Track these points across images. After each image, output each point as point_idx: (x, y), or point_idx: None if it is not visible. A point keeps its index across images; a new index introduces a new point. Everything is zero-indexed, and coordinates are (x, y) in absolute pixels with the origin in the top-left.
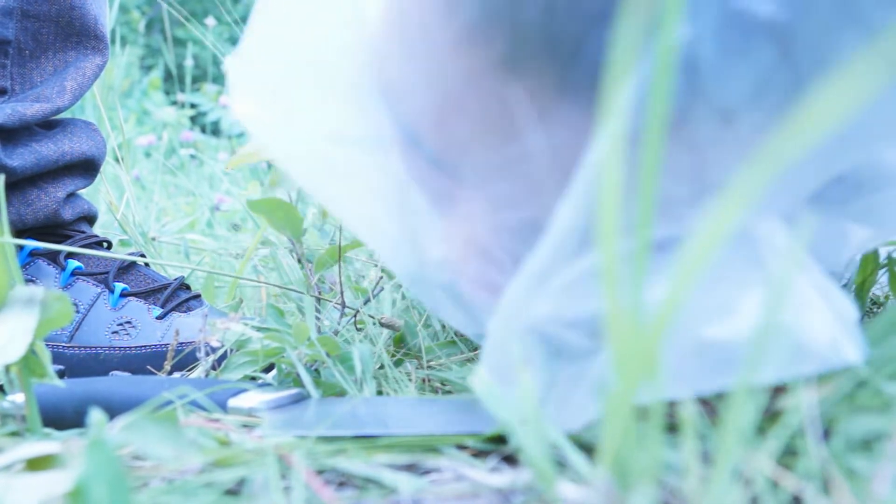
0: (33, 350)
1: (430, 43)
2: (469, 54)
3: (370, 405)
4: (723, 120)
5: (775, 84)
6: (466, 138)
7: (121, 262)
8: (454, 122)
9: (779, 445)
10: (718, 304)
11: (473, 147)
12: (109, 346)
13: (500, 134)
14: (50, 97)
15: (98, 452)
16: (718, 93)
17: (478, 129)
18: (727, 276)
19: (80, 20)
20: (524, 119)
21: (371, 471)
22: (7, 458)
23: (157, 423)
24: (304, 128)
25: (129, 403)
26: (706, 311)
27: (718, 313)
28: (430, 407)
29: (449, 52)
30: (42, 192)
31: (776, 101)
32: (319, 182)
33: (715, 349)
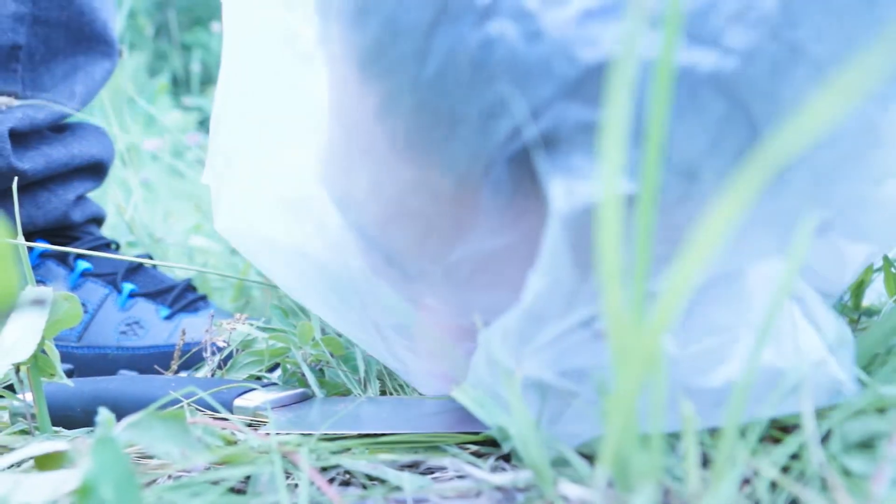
0: (43, 350)
1: (371, 154)
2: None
3: (373, 405)
4: (685, 178)
5: (731, 132)
6: (417, 241)
7: (129, 264)
8: (402, 226)
9: (783, 453)
10: (710, 352)
11: (425, 248)
12: (118, 345)
13: (449, 235)
14: (60, 101)
15: (106, 450)
16: (677, 154)
17: (426, 232)
18: (719, 319)
19: (90, 26)
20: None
21: (375, 469)
22: (16, 457)
23: (164, 421)
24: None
25: (137, 402)
26: (697, 359)
27: (710, 362)
28: (432, 407)
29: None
30: (52, 195)
31: (734, 148)
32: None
33: (707, 394)
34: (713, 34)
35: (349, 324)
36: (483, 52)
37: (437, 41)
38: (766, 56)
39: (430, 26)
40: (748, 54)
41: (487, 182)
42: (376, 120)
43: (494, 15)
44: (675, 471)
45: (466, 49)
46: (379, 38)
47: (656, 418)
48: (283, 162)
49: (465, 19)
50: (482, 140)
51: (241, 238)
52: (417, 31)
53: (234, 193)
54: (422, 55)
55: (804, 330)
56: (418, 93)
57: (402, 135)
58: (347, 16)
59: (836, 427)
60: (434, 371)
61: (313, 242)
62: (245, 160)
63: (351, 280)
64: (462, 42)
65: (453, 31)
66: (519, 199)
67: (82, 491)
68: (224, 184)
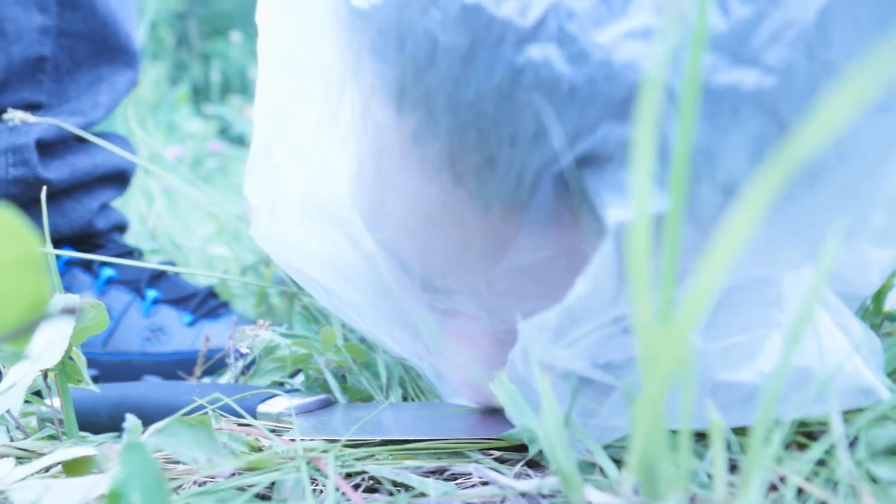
0: (70, 356)
1: (405, 179)
2: (447, 187)
3: (396, 411)
4: (724, 192)
5: (769, 147)
6: (455, 259)
7: (153, 271)
8: (438, 247)
9: (810, 459)
10: (739, 347)
11: (464, 264)
12: (142, 351)
13: (489, 252)
14: (84, 111)
15: (135, 456)
16: (719, 170)
17: (464, 251)
18: (750, 320)
19: (113, 37)
20: (511, 237)
21: (399, 475)
22: (45, 461)
23: (191, 427)
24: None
25: (161, 408)
26: (726, 354)
27: (739, 357)
28: (455, 412)
29: (426, 186)
30: (77, 203)
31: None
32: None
33: (736, 388)
34: (754, 54)
35: (382, 333)
36: (527, 74)
37: (477, 64)
38: (802, 74)
39: (468, 50)
40: (786, 72)
41: (531, 201)
42: (412, 145)
43: (537, 38)
44: (701, 476)
45: (509, 72)
46: (416, 64)
47: (684, 421)
48: (319, 176)
49: (507, 42)
50: (527, 161)
51: (275, 246)
52: (456, 55)
53: (273, 204)
54: (461, 79)
55: (832, 334)
56: (458, 117)
57: (441, 159)
58: (381, 44)
59: (863, 433)
60: (462, 382)
61: (348, 254)
62: (284, 175)
63: (385, 291)
64: (504, 65)
65: (494, 55)
66: (562, 214)
67: (112, 496)
68: (263, 195)
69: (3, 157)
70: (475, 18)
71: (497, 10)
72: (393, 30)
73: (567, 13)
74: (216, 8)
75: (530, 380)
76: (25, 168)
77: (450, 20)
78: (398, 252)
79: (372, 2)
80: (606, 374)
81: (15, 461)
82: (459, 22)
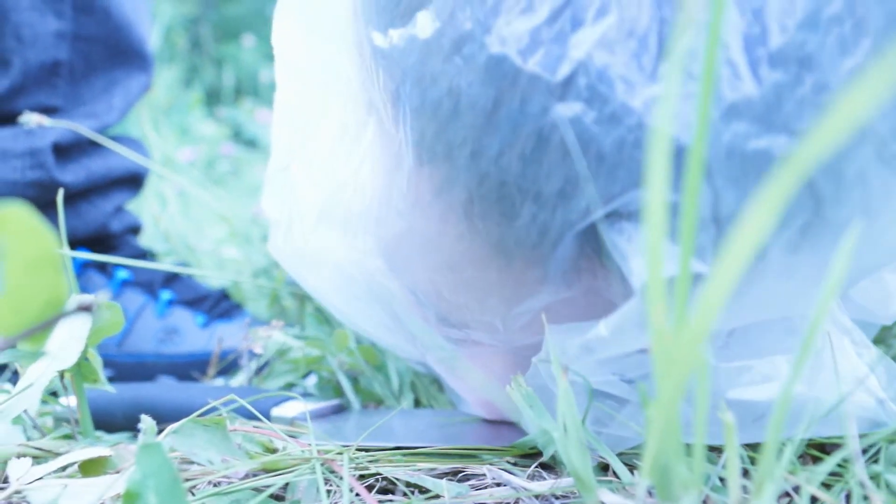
0: (86, 357)
1: (427, 227)
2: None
3: (409, 417)
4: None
5: (798, 210)
6: (474, 303)
7: (167, 272)
8: (458, 292)
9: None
10: (754, 368)
11: (483, 307)
12: (156, 352)
13: (509, 297)
14: (99, 114)
15: (151, 456)
16: None
17: (484, 296)
18: (767, 345)
19: (127, 41)
20: (531, 285)
21: (413, 477)
22: (62, 461)
23: (206, 429)
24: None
25: (176, 409)
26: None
27: (753, 377)
28: (468, 420)
29: (447, 234)
30: (92, 206)
31: (799, 223)
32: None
33: (749, 406)
34: (785, 120)
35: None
36: (556, 132)
37: (502, 119)
38: None
39: (493, 103)
40: None
41: (553, 255)
42: (434, 196)
43: (566, 96)
44: (714, 481)
45: (535, 129)
46: (438, 114)
47: (699, 426)
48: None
49: (534, 98)
50: (551, 219)
51: (291, 262)
52: (480, 108)
53: (289, 221)
54: (484, 132)
55: (849, 361)
56: (480, 170)
57: (461, 210)
58: (402, 90)
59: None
60: (476, 402)
61: (362, 278)
62: (301, 193)
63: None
64: (530, 121)
65: (520, 110)
66: (582, 264)
67: (128, 496)
68: (280, 210)
69: (20, 161)
70: (501, 70)
71: (524, 63)
72: (414, 75)
73: (598, 72)
74: (229, 12)
75: (550, 384)
76: (42, 171)
77: (474, 71)
78: (414, 288)
79: (393, 43)
80: (621, 386)
81: (32, 461)
82: (484, 73)
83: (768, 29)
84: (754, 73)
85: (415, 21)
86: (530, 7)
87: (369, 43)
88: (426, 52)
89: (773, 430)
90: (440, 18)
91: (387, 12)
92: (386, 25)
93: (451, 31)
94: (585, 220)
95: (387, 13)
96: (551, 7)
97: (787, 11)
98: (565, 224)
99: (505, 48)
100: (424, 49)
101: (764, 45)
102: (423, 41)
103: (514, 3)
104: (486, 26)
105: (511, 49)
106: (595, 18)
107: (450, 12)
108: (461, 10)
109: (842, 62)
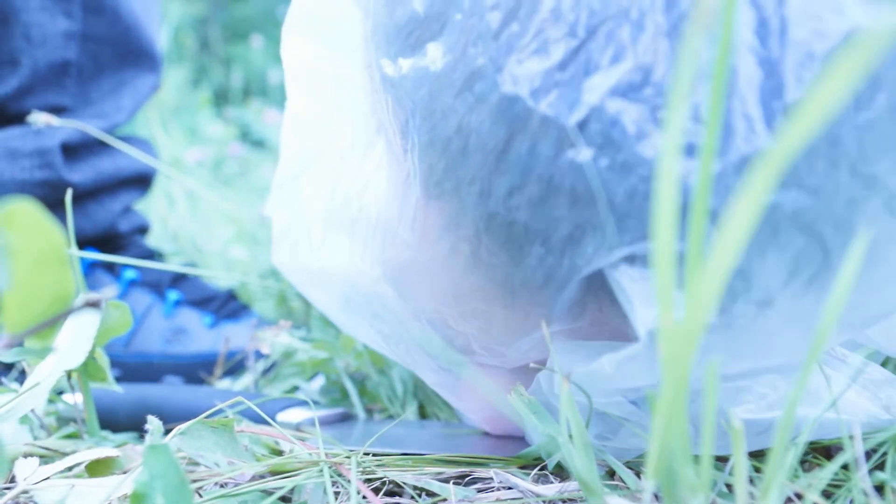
0: (93, 356)
1: (434, 260)
2: (473, 275)
3: (415, 428)
4: (759, 307)
5: (807, 262)
6: (480, 332)
7: (174, 273)
8: (464, 322)
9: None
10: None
11: (489, 336)
12: (163, 353)
13: (515, 329)
14: (108, 114)
15: (158, 457)
16: (754, 289)
17: (489, 328)
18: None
19: (136, 41)
20: (537, 319)
21: (420, 481)
22: (69, 461)
23: (213, 430)
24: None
25: (181, 411)
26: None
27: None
28: (474, 432)
29: (453, 270)
30: (100, 206)
31: (808, 275)
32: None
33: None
34: (798, 176)
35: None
36: (568, 177)
37: (513, 159)
38: (844, 190)
39: (505, 143)
40: (829, 191)
41: (559, 297)
42: (441, 231)
43: (580, 140)
44: (720, 487)
45: (547, 171)
46: (446, 151)
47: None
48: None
49: (547, 140)
50: (559, 263)
51: (296, 275)
52: (490, 147)
53: (295, 236)
54: (494, 172)
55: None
56: (487, 209)
57: (469, 249)
58: (411, 124)
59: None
60: (482, 419)
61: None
62: (308, 206)
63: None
64: (541, 164)
65: (531, 151)
66: (589, 300)
67: (135, 497)
68: (286, 222)
69: (29, 160)
70: (513, 111)
71: (536, 105)
72: (424, 109)
73: (611, 119)
74: (238, 13)
75: (553, 398)
76: (50, 171)
77: (485, 109)
78: (419, 314)
79: (403, 73)
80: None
81: (39, 460)
82: (496, 112)
83: (784, 82)
84: (769, 127)
85: (426, 52)
86: (544, 47)
87: (379, 70)
88: (437, 87)
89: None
90: (452, 52)
91: (398, 40)
92: (396, 54)
93: (462, 66)
94: (592, 265)
95: (398, 41)
96: (566, 49)
97: (804, 64)
98: (572, 269)
99: (517, 88)
100: (435, 83)
101: (780, 99)
102: (434, 74)
103: (528, 42)
104: (499, 64)
105: (523, 90)
106: (610, 63)
107: (462, 46)
108: (473, 46)
109: (856, 116)
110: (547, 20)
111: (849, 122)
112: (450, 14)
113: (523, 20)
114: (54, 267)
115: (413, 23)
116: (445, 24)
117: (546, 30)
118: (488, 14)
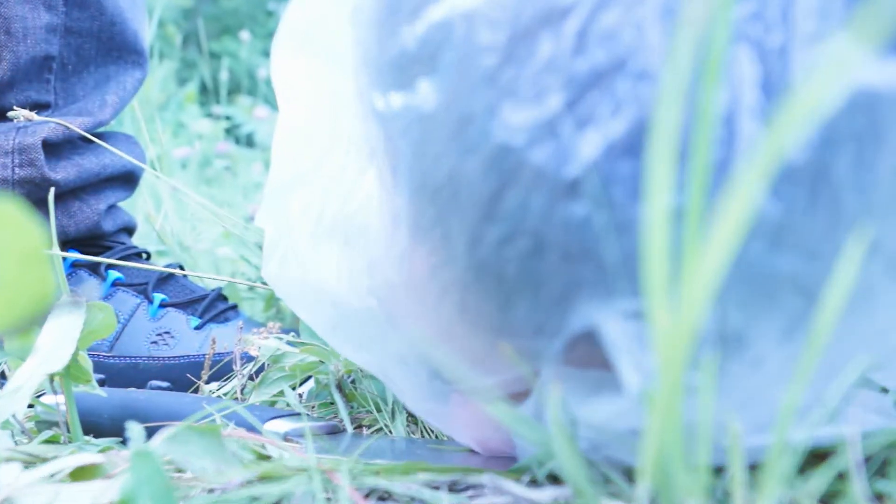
0: (76, 359)
1: (422, 302)
2: (461, 319)
3: (405, 443)
4: (752, 365)
5: (802, 323)
6: (467, 363)
7: (160, 273)
8: (452, 353)
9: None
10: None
11: (476, 368)
12: (149, 355)
13: (503, 364)
14: (92, 111)
15: (144, 464)
16: (749, 351)
17: (477, 361)
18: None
19: (121, 35)
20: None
21: (410, 489)
22: (53, 467)
23: (201, 435)
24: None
25: (165, 417)
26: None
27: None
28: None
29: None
30: (84, 205)
31: (803, 334)
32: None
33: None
34: (796, 239)
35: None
36: (560, 233)
37: (504, 211)
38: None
39: (497, 194)
40: (828, 254)
41: (547, 350)
42: (429, 275)
43: (577, 196)
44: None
45: (539, 226)
46: (435, 197)
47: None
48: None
49: (540, 194)
50: (547, 320)
51: (287, 287)
52: (482, 197)
53: (284, 251)
54: (484, 222)
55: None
56: (476, 259)
57: (458, 296)
58: (399, 166)
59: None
60: (471, 438)
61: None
62: (297, 223)
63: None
64: (533, 217)
65: (524, 204)
66: (580, 343)
67: (122, 503)
68: (276, 233)
69: (10, 158)
70: (505, 161)
71: (529, 154)
72: (414, 150)
73: (609, 176)
74: (225, 6)
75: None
76: (32, 168)
77: (477, 157)
78: (409, 343)
79: (394, 110)
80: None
81: (21, 466)
82: (488, 160)
83: None
84: (770, 192)
85: (417, 89)
86: (540, 96)
87: (370, 103)
88: (428, 129)
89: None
90: (444, 92)
91: (389, 75)
92: (387, 88)
93: (455, 109)
94: (584, 321)
95: (389, 75)
96: (563, 99)
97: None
98: (562, 326)
99: (510, 138)
100: (426, 124)
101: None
102: (426, 115)
103: (525, 89)
104: (493, 110)
105: (517, 140)
106: (610, 117)
107: (454, 88)
108: (467, 88)
109: (858, 178)
110: (544, 67)
111: (850, 183)
112: (443, 51)
113: (519, 65)
114: (35, 266)
115: (404, 58)
116: (438, 62)
117: (543, 77)
118: (482, 55)
